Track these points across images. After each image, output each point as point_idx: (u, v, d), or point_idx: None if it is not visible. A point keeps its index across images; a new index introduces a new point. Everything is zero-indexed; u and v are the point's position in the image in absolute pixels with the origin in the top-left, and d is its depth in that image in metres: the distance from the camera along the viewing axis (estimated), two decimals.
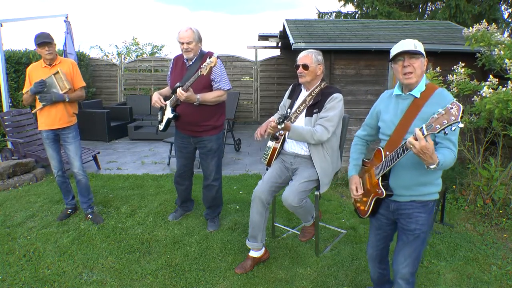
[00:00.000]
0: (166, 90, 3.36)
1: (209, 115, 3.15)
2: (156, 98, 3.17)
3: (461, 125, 1.46)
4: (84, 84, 3.56)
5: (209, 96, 3.04)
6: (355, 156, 2.23)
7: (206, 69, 2.80)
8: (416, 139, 1.58)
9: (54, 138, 3.52)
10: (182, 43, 3.00)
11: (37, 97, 3.34)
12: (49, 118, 3.41)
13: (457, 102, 1.49)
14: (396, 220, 2.04)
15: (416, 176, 1.87)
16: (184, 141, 3.33)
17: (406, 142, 1.66)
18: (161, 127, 3.32)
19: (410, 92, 1.88)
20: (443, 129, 1.50)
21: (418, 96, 1.86)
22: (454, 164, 4.77)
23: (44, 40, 3.24)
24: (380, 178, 1.94)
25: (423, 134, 1.56)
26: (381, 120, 2.04)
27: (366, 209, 2.09)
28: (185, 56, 3.11)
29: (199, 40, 3.08)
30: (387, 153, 1.90)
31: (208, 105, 3.08)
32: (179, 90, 2.89)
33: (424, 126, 1.57)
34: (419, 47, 1.83)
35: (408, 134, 1.82)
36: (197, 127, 3.18)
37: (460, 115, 1.45)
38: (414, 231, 1.93)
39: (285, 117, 2.34)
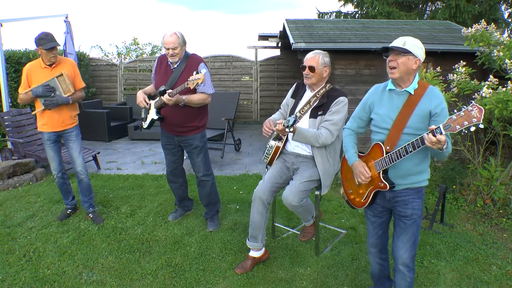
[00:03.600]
0: (151, 88, 3.40)
1: (192, 117, 3.21)
2: (141, 98, 3.22)
3: (482, 126, 1.61)
4: (84, 84, 3.54)
5: (194, 98, 3.10)
6: (352, 145, 2.26)
7: (193, 84, 2.89)
8: (434, 136, 1.71)
9: (56, 140, 3.51)
10: (168, 49, 3.04)
11: (39, 99, 3.29)
12: (52, 121, 3.38)
13: (478, 104, 1.63)
14: (391, 208, 2.13)
15: (412, 166, 2.00)
16: (169, 140, 3.39)
17: (422, 138, 1.78)
18: (145, 125, 3.39)
19: (406, 89, 1.99)
20: (463, 129, 1.66)
21: (413, 93, 1.97)
22: (454, 164, 4.76)
23: (54, 44, 3.18)
24: (381, 172, 2.02)
25: (440, 133, 1.70)
26: (375, 113, 2.11)
27: (363, 201, 2.18)
28: (169, 60, 3.15)
29: (184, 43, 3.12)
30: (388, 147, 1.99)
31: (191, 107, 3.14)
32: (166, 96, 2.94)
33: (441, 126, 1.71)
34: (410, 45, 1.92)
35: (407, 128, 1.94)
36: (181, 128, 3.24)
37: (482, 117, 1.58)
38: (412, 216, 2.04)
39: (294, 121, 2.30)
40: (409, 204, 2.03)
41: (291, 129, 2.32)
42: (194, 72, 2.93)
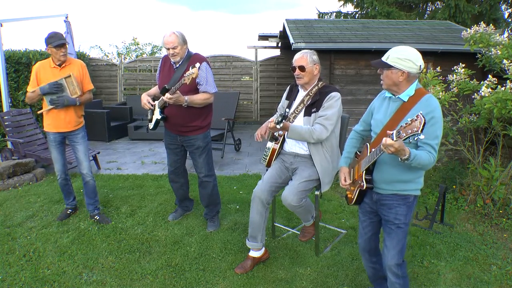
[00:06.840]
0: (155, 89, 3.40)
1: (195, 117, 3.20)
2: (145, 100, 3.21)
3: (422, 136, 1.60)
4: (92, 86, 3.54)
5: (196, 98, 3.08)
6: (348, 149, 2.36)
7: (188, 79, 2.83)
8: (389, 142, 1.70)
9: (61, 141, 3.50)
10: (168, 49, 3.04)
11: (45, 98, 3.30)
12: (58, 121, 3.37)
13: (422, 115, 1.60)
14: (377, 211, 2.16)
15: (397, 174, 2.00)
16: (172, 139, 3.38)
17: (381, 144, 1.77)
18: (150, 126, 3.37)
19: (399, 96, 1.99)
20: (408, 137, 1.63)
21: (406, 100, 1.97)
22: (454, 164, 4.76)
23: (62, 42, 3.20)
24: (364, 171, 2.07)
25: (392, 139, 1.69)
26: (373, 119, 2.16)
27: (351, 197, 2.23)
28: (172, 60, 3.14)
29: (184, 42, 3.10)
30: (372, 149, 2.03)
31: (195, 107, 3.12)
32: (166, 95, 2.93)
33: (395, 132, 1.69)
34: (392, 59, 1.92)
35: None
36: (184, 127, 3.23)
37: (421, 127, 1.57)
38: (394, 221, 2.04)
39: (283, 117, 2.37)
40: (393, 209, 2.03)
41: (281, 125, 2.36)
42: (190, 67, 2.88)
